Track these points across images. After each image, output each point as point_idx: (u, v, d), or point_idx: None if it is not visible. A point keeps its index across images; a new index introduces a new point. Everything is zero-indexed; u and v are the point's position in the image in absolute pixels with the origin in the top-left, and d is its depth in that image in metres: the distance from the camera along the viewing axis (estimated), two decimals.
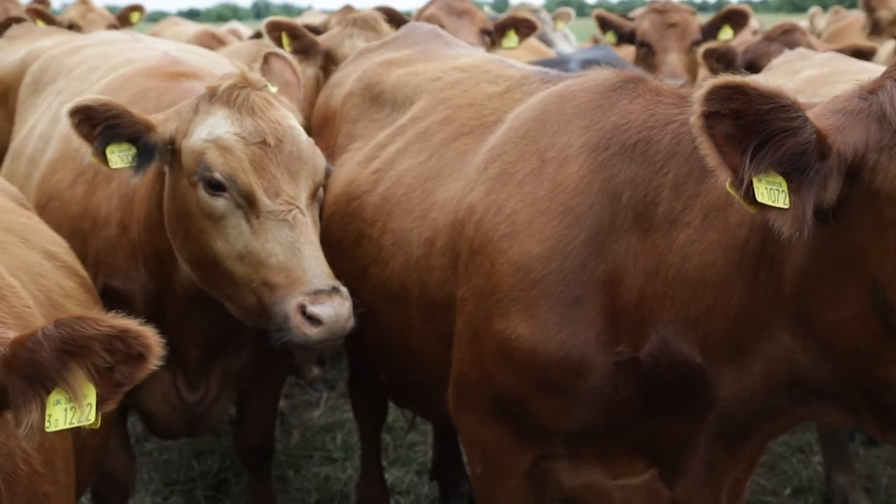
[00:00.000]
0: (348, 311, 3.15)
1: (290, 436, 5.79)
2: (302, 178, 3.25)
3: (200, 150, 3.22)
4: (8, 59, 6.42)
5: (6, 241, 2.89)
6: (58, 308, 2.84)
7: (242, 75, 3.33)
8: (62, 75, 4.70)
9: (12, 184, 4.30)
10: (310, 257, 3.16)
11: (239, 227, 3.20)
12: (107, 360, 1.93)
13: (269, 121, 3.24)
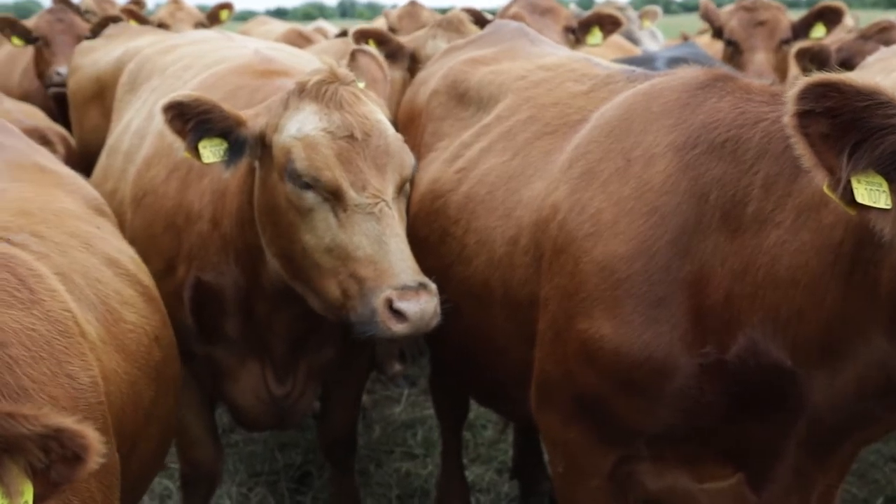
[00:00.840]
0: (434, 309, 3.15)
1: (371, 431, 5.85)
2: (389, 172, 3.26)
3: (289, 146, 3.26)
4: (105, 59, 6.62)
5: (68, 244, 2.94)
6: (113, 314, 2.88)
7: (331, 70, 3.37)
8: (157, 73, 4.81)
9: (108, 179, 4.45)
10: (396, 251, 3.17)
11: (327, 220, 3.23)
12: (41, 459, 1.80)
13: (356, 115, 3.27)
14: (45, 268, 2.61)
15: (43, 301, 2.43)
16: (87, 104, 6.75)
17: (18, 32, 7.86)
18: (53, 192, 3.28)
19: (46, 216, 3.00)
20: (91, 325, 2.68)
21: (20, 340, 2.25)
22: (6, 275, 2.39)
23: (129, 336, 2.92)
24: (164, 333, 3.25)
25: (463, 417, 4.89)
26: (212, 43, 5.06)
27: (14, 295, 2.36)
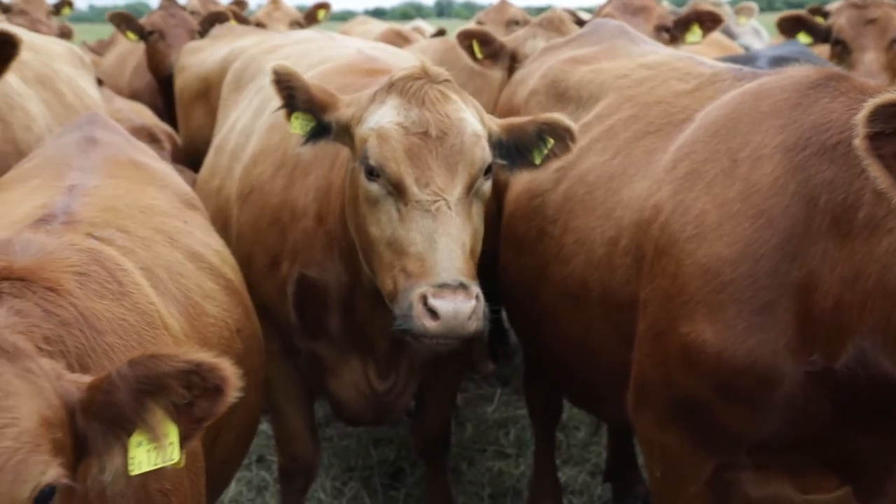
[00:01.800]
0: (470, 310, 3.07)
1: (464, 429, 5.86)
2: (459, 171, 3.25)
3: (365, 137, 3.32)
4: (211, 59, 6.79)
5: (153, 239, 3.02)
6: (195, 307, 2.95)
7: (422, 67, 3.40)
8: (262, 73, 4.88)
9: (214, 177, 4.56)
10: (444, 250, 3.14)
11: (389, 213, 3.26)
12: (185, 395, 1.91)
13: (436, 112, 3.28)
14: (130, 263, 2.69)
15: (131, 293, 2.51)
16: (192, 103, 6.93)
17: (132, 27, 8.17)
18: (144, 188, 3.38)
19: (133, 212, 3.09)
20: (174, 319, 2.75)
21: (113, 329, 2.32)
22: (97, 267, 2.47)
23: (210, 329, 2.99)
24: (246, 325, 3.32)
25: (556, 418, 4.87)
26: (315, 43, 5.14)
27: (105, 286, 2.43)
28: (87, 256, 2.47)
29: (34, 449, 1.77)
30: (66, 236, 2.56)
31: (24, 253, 2.32)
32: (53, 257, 2.34)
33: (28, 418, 1.79)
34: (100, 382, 1.92)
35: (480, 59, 5.35)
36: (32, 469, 1.75)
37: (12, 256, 2.29)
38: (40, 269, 2.25)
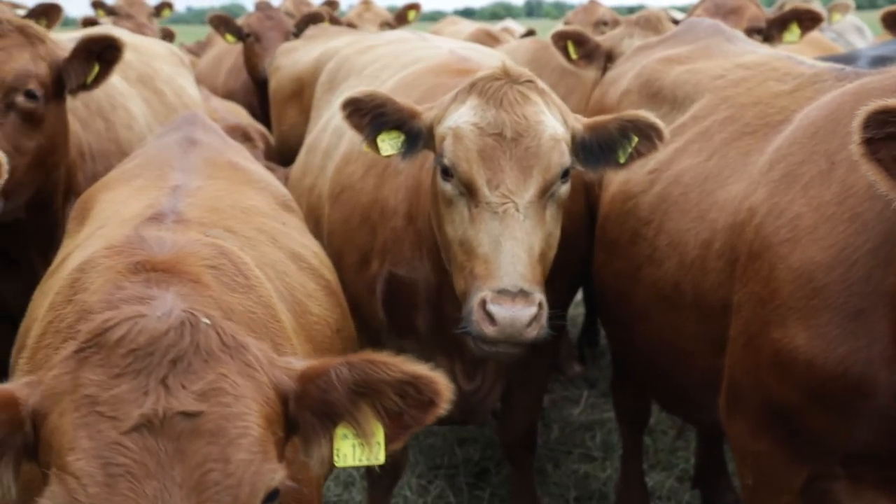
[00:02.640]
0: (528, 318, 3.05)
1: (550, 431, 5.84)
2: (534, 174, 3.23)
3: (442, 136, 3.33)
4: (304, 59, 6.91)
5: (257, 239, 3.08)
6: (300, 305, 2.99)
7: (504, 68, 3.39)
8: (355, 73, 4.97)
9: (306, 176, 4.64)
10: (507, 254, 3.12)
11: (462, 213, 3.26)
12: (398, 404, 1.96)
13: (514, 114, 3.26)
14: (249, 258, 2.75)
15: (255, 287, 2.57)
16: (286, 102, 7.06)
17: (231, 30, 8.39)
18: (244, 190, 3.45)
19: (236, 213, 3.16)
20: (284, 315, 2.80)
21: (245, 322, 2.38)
22: (225, 261, 2.53)
23: (314, 327, 3.04)
24: (345, 326, 3.36)
25: (644, 422, 4.81)
26: (408, 43, 5.18)
27: (235, 280, 2.50)
28: (215, 250, 2.54)
29: (265, 457, 1.82)
30: (190, 234, 2.63)
31: (160, 248, 2.40)
32: (188, 251, 2.41)
33: (257, 424, 1.83)
34: (314, 376, 1.97)
35: (575, 59, 5.33)
36: (265, 477, 1.80)
37: (149, 251, 2.37)
38: (179, 262, 2.31)
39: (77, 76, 4.18)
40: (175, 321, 1.86)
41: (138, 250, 2.38)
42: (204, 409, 1.78)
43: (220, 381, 1.82)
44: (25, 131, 4.01)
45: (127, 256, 2.36)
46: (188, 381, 1.80)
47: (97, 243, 2.69)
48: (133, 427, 1.73)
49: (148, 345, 1.82)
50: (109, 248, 2.45)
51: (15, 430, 1.81)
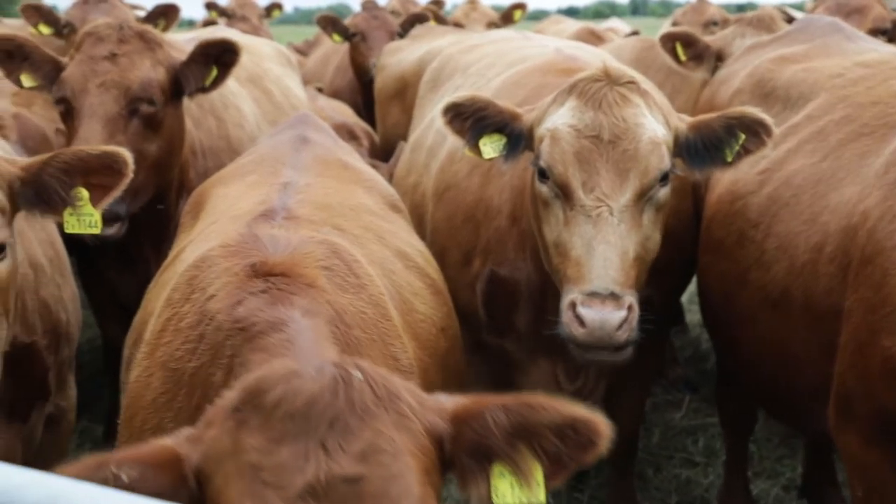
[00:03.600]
0: (618, 321, 3.03)
1: (651, 435, 5.76)
2: (630, 178, 3.18)
3: (539, 137, 3.32)
4: (408, 58, 6.98)
5: (365, 237, 3.11)
6: (406, 303, 3.01)
7: (605, 69, 3.36)
8: (459, 72, 4.99)
9: (411, 174, 4.68)
10: (599, 257, 3.09)
11: (557, 216, 3.25)
12: (556, 445, 1.92)
13: (613, 116, 3.22)
14: (360, 255, 2.80)
15: (366, 286, 2.61)
16: (390, 101, 7.14)
17: (338, 30, 8.55)
18: (353, 188, 3.49)
19: (345, 210, 3.20)
20: (392, 313, 2.83)
21: (357, 323, 2.43)
22: (337, 261, 2.58)
23: (420, 325, 3.05)
24: (450, 324, 3.37)
25: (750, 428, 4.71)
26: (513, 42, 5.17)
27: (346, 280, 2.54)
28: (327, 250, 2.59)
29: None
30: (302, 232, 2.68)
31: (275, 248, 2.46)
32: (302, 252, 2.47)
33: (418, 482, 1.79)
34: (468, 418, 1.93)
35: (683, 61, 5.23)
36: None
37: (264, 252, 2.44)
38: (294, 265, 2.37)
39: (196, 80, 4.33)
40: (328, 380, 1.84)
41: (253, 250, 2.44)
42: (365, 472, 1.74)
43: (377, 439, 1.79)
44: (147, 135, 4.19)
45: (243, 257, 2.42)
46: (347, 443, 1.77)
47: (212, 239, 2.78)
48: (298, 495, 1.71)
49: (305, 407, 1.80)
50: (224, 247, 2.53)
51: (180, 488, 1.82)
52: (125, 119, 4.12)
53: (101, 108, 4.08)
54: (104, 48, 4.23)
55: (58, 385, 3.60)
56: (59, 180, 2.81)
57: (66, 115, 4.20)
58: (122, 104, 4.12)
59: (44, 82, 4.27)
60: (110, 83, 4.14)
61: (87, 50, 4.23)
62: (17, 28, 9.57)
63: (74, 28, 6.84)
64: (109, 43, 4.24)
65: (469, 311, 3.98)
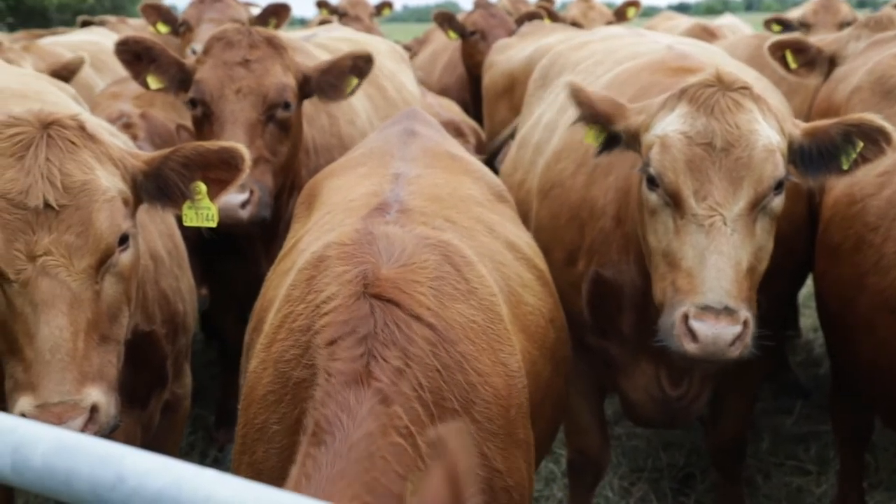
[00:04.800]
0: (732, 336, 2.96)
1: (760, 440, 5.62)
2: (744, 187, 3.09)
3: (649, 144, 3.26)
4: (517, 56, 6.97)
5: (475, 229, 3.12)
6: (515, 295, 3.00)
7: (717, 74, 3.27)
8: (568, 69, 4.95)
9: (517, 171, 4.67)
10: (713, 269, 3.01)
11: (666, 224, 3.18)
12: None
13: (725, 123, 3.14)
14: (471, 252, 2.81)
15: (476, 290, 2.63)
16: (498, 99, 7.14)
17: (454, 27, 8.59)
18: (461, 179, 3.50)
19: (455, 202, 3.22)
20: (503, 311, 2.83)
21: (466, 335, 2.46)
22: (449, 268, 2.60)
23: (529, 318, 3.05)
24: (557, 316, 3.37)
25: (866, 437, 4.54)
26: (623, 39, 5.10)
27: (456, 287, 2.57)
28: (439, 256, 2.62)
29: None
30: (416, 229, 2.72)
31: (389, 254, 2.52)
32: (414, 267, 2.51)
33: None
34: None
35: (794, 68, 5.07)
36: None
37: (377, 258, 2.50)
38: (404, 286, 2.43)
39: (339, 91, 4.52)
40: None
41: (367, 254, 2.51)
42: None
43: None
44: (280, 138, 4.34)
45: (356, 263, 2.49)
46: None
47: (327, 231, 2.86)
48: None
49: None
50: (341, 246, 2.59)
51: None
52: (262, 124, 4.27)
53: (241, 114, 4.23)
54: (236, 53, 4.36)
55: (174, 373, 3.72)
56: (178, 174, 2.94)
57: (203, 119, 4.33)
58: (260, 110, 4.27)
59: (169, 84, 4.44)
60: (247, 90, 4.28)
61: (219, 54, 4.37)
62: (140, 28, 9.96)
63: (190, 27, 7.07)
64: (241, 48, 4.37)
65: (573, 311, 3.94)
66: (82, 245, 2.67)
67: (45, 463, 1.28)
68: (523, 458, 2.59)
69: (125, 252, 2.82)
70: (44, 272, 2.63)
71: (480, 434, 2.43)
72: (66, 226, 2.66)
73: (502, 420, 2.49)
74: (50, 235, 2.65)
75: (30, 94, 4.14)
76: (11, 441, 1.31)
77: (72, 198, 2.69)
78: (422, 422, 2.27)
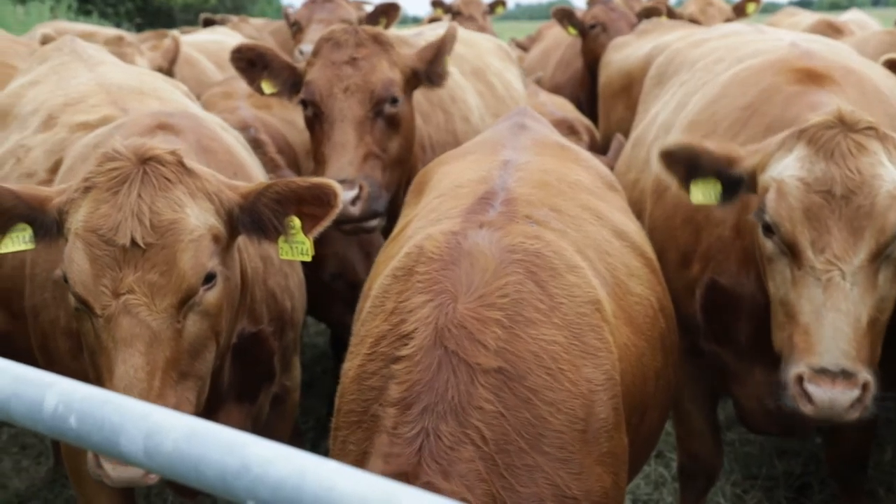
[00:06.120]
0: (849, 401, 2.85)
1: (882, 451, 5.42)
2: (865, 237, 2.95)
3: (765, 187, 3.13)
4: (634, 54, 6.88)
5: (581, 217, 3.10)
6: (621, 286, 2.98)
7: (839, 113, 3.11)
8: (686, 67, 4.85)
9: (631, 170, 4.62)
10: (830, 328, 2.88)
11: (784, 274, 3.06)
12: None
13: (846, 168, 2.99)
14: (569, 248, 2.81)
15: (561, 305, 2.62)
16: (614, 97, 7.07)
17: (573, 22, 8.56)
18: (570, 166, 3.49)
19: (563, 188, 3.21)
20: (605, 302, 2.82)
21: (539, 363, 2.49)
22: (530, 286, 2.61)
23: (636, 308, 3.03)
24: (666, 304, 3.33)
25: None
26: (744, 35, 4.96)
27: (537, 308, 2.58)
28: (523, 273, 2.63)
29: None
30: (507, 236, 2.73)
31: (468, 282, 2.57)
32: (493, 297, 2.55)
33: None
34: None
35: None
36: None
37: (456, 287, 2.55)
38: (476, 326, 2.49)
39: (442, 75, 4.58)
40: None
41: (446, 284, 2.57)
42: None
43: None
44: (390, 134, 4.40)
45: (436, 293, 2.56)
46: None
47: (432, 222, 2.93)
48: None
49: None
50: (429, 261, 2.65)
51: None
52: (371, 120, 4.33)
53: (350, 111, 4.29)
54: (344, 53, 4.43)
55: (282, 367, 3.78)
56: (272, 209, 2.92)
57: (314, 119, 4.41)
58: (368, 107, 4.33)
59: (282, 88, 4.53)
60: (354, 87, 4.35)
61: (327, 55, 4.45)
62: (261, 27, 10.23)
63: (301, 28, 7.21)
64: (347, 47, 4.45)
65: (686, 314, 3.87)
66: (164, 284, 2.70)
67: (175, 449, 1.33)
68: (608, 472, 2.57)
69: (211, 290, 2.83)
70: (126, 310, 2.66)
71: (549, 465, 2.43)
72: (151, 264, 2.69)
73: (578, 444, 2.49)
74: (134, 273, 2.68)
75: (146, 90, 4.29)
76: (144, 427, 1.37)
77: (158, 237, 2.71)
78: (483, 479, 2.35)
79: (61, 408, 1.51)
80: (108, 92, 4.12)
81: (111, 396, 1.47)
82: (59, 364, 3.37)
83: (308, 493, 1.21)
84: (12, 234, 2.88)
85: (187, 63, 7.07)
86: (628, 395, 2.79)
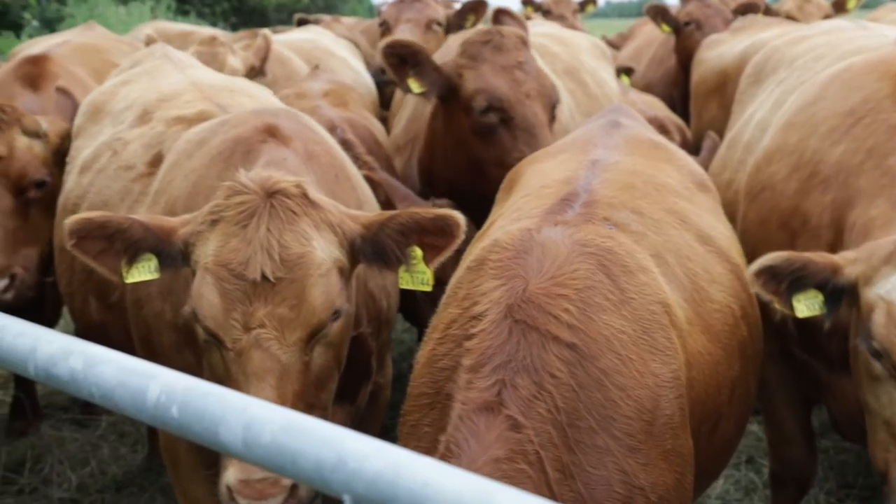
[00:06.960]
0: None
1: None
2: None
3: (873, 304, 2.92)
4: (730, 52, 6.75)
5: (665, 221, 3.05)
6: (700, 292, 2.92)
7: None
8: (784, 65, 4.74)
9: (725, 170, 4.53)
10: None
11: (890, 396, 2.91)
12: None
13: None
14: (643, 251, 2.80)
15: (631, 300, 2.61)
16: (708, 96, 6.95)
17: (667, 20, 8.45)
18: (661, 166, 3.44)
19: (648, 190, 3.17)
20: (680, 308, 2.79)
21: (611, 347, 2.48)
22: (602, 277, 2.61)
23: (714, 316, 2.97)
24: (751, 312, 3.25)
25: None
26: (846, 32, 4.82)
27: (607, 297, 2.57)
28: (594, 264, 2.63)
29: None
30: (580, 232, 2.73)
31: (539, 267, 2.58)
32: (563, 278, 2.56)
33: None
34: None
35: None
36: None
37: (527, 272, 2.57)
38: (548, 301, 2.50)
39: None
40: None
41: (519, 268, 2.59)
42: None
43: None
44: None
45: (508, 278, 2.58)
46: None
47: (515, 220, 2.94)
48: None
49: None
50: (502, 250, 2.69)
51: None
52: (550, 124, 4.37)
53: (535, 118, 4.32)
54: (509, 57, 4.43)
55: (378, 364, 3.80)
56: (395, 240, 2.90)
57: (499, 125, 4.38)
58: (548, 111, 4.36)
59: (430, 88, 4.50)
60: (534, 92, 4.37)
61: (492, 58, 4.43)
62: (352, 26, 10.34)
63: (389, 27, 7.24)
64: (509, 51, 4.44)
65: (778, 321, 3.77)
66: (294, 318, 2.71)
67: (273, 441, 1.36)
68: (673, 470, 2.54)
69: (336, 321, 2.84)
70: (257, 344, 2.67)
71: (619, 450, 2.42)
72: (281, 298, 2.69)
73: (645, 434, 2.47)
74: (265, 308, 2.69)
75: (236, 88, 4.37)
76: (243, 420, 1.41)
77: (288, 271, 2.71)
78: (554, 444, 2.33)
79: (164, 398, 1.56)
80: (201, 89, 4.20)
81: (212, 388, 1.51)
82: (162, 357, 3.41)
83: (403, 489, 1.22)
84: (139, 265, 2.90)
85: (279, 61, 7.16)
86: (700, 403, 2.76)
